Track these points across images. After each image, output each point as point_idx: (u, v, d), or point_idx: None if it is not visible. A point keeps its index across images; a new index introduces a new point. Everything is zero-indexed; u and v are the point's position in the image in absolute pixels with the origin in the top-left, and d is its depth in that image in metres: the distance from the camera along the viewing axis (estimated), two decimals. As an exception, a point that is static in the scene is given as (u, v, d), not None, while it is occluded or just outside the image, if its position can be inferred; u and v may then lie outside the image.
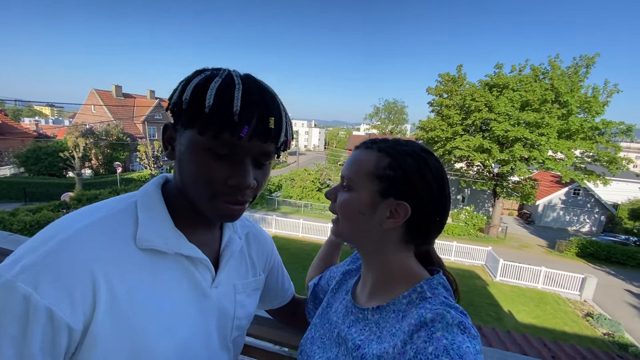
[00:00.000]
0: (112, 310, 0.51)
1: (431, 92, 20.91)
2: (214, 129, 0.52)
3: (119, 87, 32.87)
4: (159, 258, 0.58)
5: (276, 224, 16.70)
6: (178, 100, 0.55)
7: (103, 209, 0.57)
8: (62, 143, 22.78)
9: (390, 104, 50.59)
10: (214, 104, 0.51)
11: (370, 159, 0.63)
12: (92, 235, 0.52)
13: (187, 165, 0.56)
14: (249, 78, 0.56)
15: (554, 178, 24.76)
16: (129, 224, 0.56)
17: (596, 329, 10.07)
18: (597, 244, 17.27)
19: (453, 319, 0.50)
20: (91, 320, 0.49)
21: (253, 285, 0.78)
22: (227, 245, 0.70)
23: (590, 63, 16.76)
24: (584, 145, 16.50)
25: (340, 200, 0.65)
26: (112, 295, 0.51)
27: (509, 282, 12.93)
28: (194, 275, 0.62)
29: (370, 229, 0.63)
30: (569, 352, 3.38)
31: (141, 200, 0.60)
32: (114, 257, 0.52)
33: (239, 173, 0.55)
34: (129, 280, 0.53)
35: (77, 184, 20.42)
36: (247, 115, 0.52)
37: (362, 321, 0.65)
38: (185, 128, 0.55)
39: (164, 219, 0.59)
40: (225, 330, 0.70)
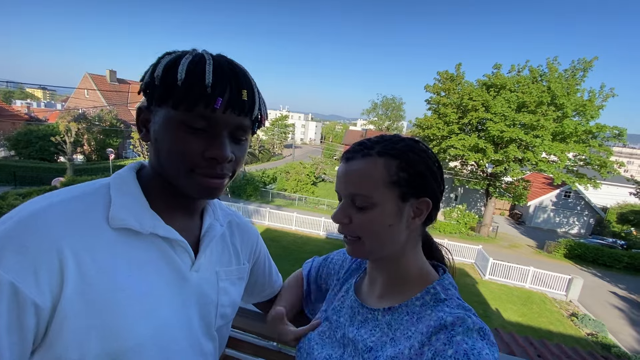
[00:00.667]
0: (82, 289, 0.49)
1: (429, 89, 20.89)
2: (188, 102, 0.52)
3: (114, 72, 32.22)
4: (134, 238, 0.56)
5: (269, 217, 16.68)
6: (150, 80, 0.55)
7: (74, 189, 0.56)
8: (53, 127, 22.34)
9: (388, 100, 50.44)
10: (186, 78, 0.52)
11: (378, 168, 0.59)
12: (62, 212, 0.50)
13: (162, 142, 0.55)
14: (219, 56, 0.57)
15: (546, 180, 25.07)
16: (101, 204, 0.55)
17: (580, 329, 10.29)
18: (585, 246, 17.59)
19: (474, 324, 0.50)
20: (59, 298, 0.47)
21: (236, 273, 0.76)
22: (207, 230, 0.68)
23: (587, 67, 16.85)
24: (577, 148, 16.69)
25: (361, 221, 0.60)
26: (82, 273, 0.49)
27: (497, 281, 13.13)
28: (172, 258, 0.60)
29: (398, 236, 0.62)
30: (554, 350, 3.44)
31: (114, 182, 0.59)
32: (84, 236, 0.51)
33: (216, 145, 0.55)
34: (100, 260, 0.51)
35: (68, 169, 20.10)
36: (220, 88, 0.53)
37: (372, 322, 0.64)
38: (159, 106, 0.55)
39: (138, 200, 0.58)
40: (209, 317, 0.68)
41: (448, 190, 24.21)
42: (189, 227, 0.66)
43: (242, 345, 1.07)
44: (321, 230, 16.02)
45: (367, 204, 0.59)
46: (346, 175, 0.62)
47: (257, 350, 1.06)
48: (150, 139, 0.58)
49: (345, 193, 0.62)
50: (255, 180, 22.98)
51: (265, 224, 16.51)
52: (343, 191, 0.62)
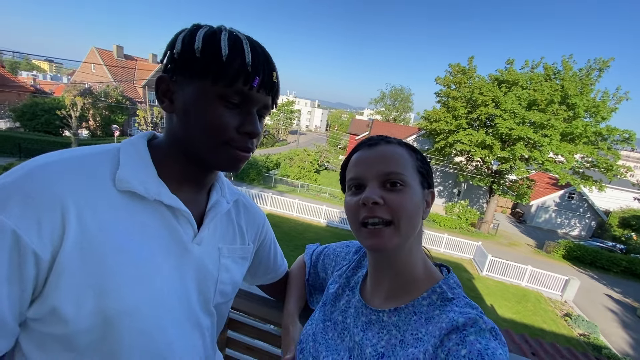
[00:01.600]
0: (82, 245, 0.49)
1: (440, 82, 20.57)
2: (229, 78, 0.54)
3: (121, 47, 31.84)
4: (138, 202, 0.56)
5: (271, 202, 16.74)
6: (187, 49, 0.54)
7: (87, 148, 0.56)
8: (59, 100, 22.31)
9: (397, 91, 49.74)
10: (229, 54, 0.53)
11: (407, 154, 0.63)
12: (69, 167, 0.51)
13: (195, 115, 0.56)
14: (248, 36, 0.58)
15: (550, 180, 24.90)
16: (109, 165, 0.55)
17: (573, 329, 10.40)
18: (584, 248, 17.60)
19: (486, 325, 0.50)
20: (59, 250, 0.47)
21: (240, 252, 0.75)
22: (213, 205, 0.68)
23: (603, 67, 16.45)
24: (586, 150, 16.48)
25: (397, 200, 0.57)
26: (84, 229, 0.49)
27: (494, 278, 13.22)
28: (174, 227, 0.60)
29: (419, 224, 0.62)
30: (548, 349, 3.47)
31: (125, 147, 0.59)
32: (89, 193, 0.51)
33: (250, 121, 0.58)
34: (103, 219, 0.51)
35: (73, 143, 20.16)
36: (257, 67, 0.56)
37: (378, 324, 0.63)
38: (192, 78, 0.55)
39: (147, 167, 0.58)
40: (207, 292, 0.67)
41: (451, 186, 24.14)
42: (196, 201, 0.66)
43: (244, 328, 1.07)
44: (322, 218, 16.09)
45: (401, 182, 0.59)
46: (376, 157, 0.62)
47: (259, 334, 1.06)
48: (176, 110, 0.58)
49: (376, 174, 0.60)
50: (258, 165, 22.96)
51: (267, 209, 16.58)
52: (371, 173, 0.61)
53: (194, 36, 0.54)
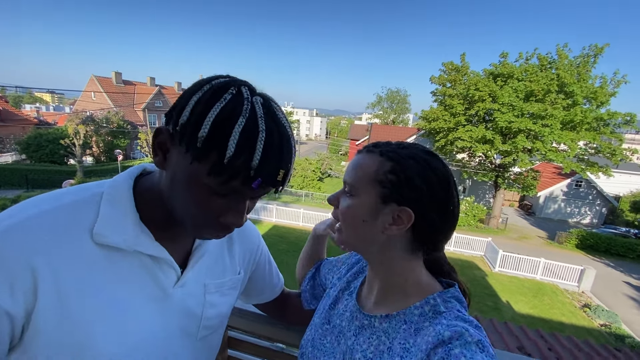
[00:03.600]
0: (57, 305, 0.49)
1: (434, 81, 20.61)
2: (226, 177, 0.48)
3: (119, 73, 32.52)
4: (117, 254, 0.55)
5: (277, 213, 16.75)
6: (192, 126, 0.47)
7: (65, 196, 0.55)
8: (62, 130, 22.73)
9: (393, 93, 49.88)
10: (235, 152, 0.46)
11: (372, 164, 0.60)
12: (42, 224, 0.50)
13: (180, 190, 0.52)
14: (271, 118, 0.50)
15: (556, 169, 24.63)
16: (88, 216, 0.54)
17: (593, 320, 10.15)
18: (597, 235, 17.28)
19: (472, 337, 0.49)
20: (32, 310, 0.48)
21: (229, 284, 0.74)
22: (200, 244, 0.67)
23: (598, 53, 16.40)
24: (588, 136, 16.31)
25: (342, 207, 0.63)
26: (58, 288, 0.49)
27: (507, 273, 12.99)
28: (155, 274, 0.59)
29: (373, 237, 0.60)
30: (565, 343, 3.39)
31: (108, 191, 0.57)
32: (64, 250, 0.50)
33: (235, 214, 0.54)
34: (79, 276, 0.51)
35: (78, 171, 20.46)
36: (263, 169, 0.48)
37: (369, 329, 0.63)
38: (191, 158, 0.48)
39: (127, 214, 0.56)
40: (190, 329, 0.67)
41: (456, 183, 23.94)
42: (181, 237, 0.65)
43: (244, 346, 1.07)
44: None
45: (352, 191, 0.62)
46: (348, 165, 0.66)
47: (260, 351, 1.06)
48: (167, 170, 0.54)
49: (344, 180, 0.65)
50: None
51: (273, 221, 16.59)
52: (344, 178, 0.66)
53: (206, 112, 0.46)
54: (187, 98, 0.50)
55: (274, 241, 13.95)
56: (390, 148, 0.61)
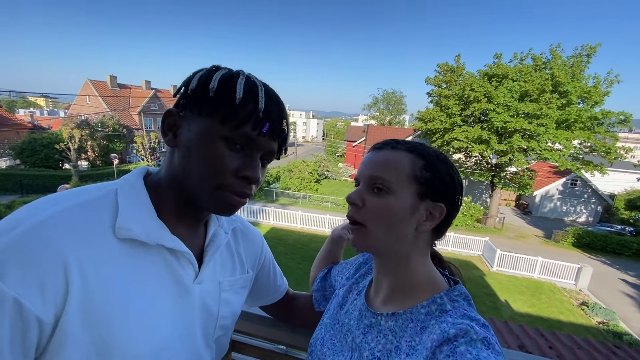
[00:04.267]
0: (85, 304, 0.47)
1: (430, 82, 20.72)
2: (238, 120, 0.54)
3: (114, 77, 32.36)
4: (139, 249, 0.54)
5: (274, 215, 16.70)
6: (201, 87, 0.55)
7: (80, 194, 0.54)
8: (57, 134, 22.54)
9: (389, 94, 50.05)
10: (243, 97, 0.53)
11: (406, 160, 0.60)
12: (66, 220, 0.48)
13: (196, 152, 0.55)
14: (265, 84, 0.59)
15: (551, 168, 24.82)
16: (107, 212, 0.53)
17: (591, 318, 10.21)
18: (593, 234, 17.43)
19: (477, 335, 0.49)
20: (62, 313, 0.46)
21: (240, 282, 0.74)
22: (212, 239, 0.68)
23: (591, 52, 16.59)
24: (583, 135, 16.48)
25: (375, 205, 0.59)
26: (86, 287, 0.47)
27: (505, 272, 13.05)
28: (176, 270, 0.59)
29: (406, 235, 0.60)
30: (565, 341, 3.40)
31: (122, 189, 0.57)
32: (89, 246, 0.49)
33: (251, 165, 0.57)
34: (104, 272, 0.49)
35: (73, 175, 20.28)
36: (269, 114, 0.56)
37: (376, 327, 0.63)
38: (201, 115, 0.55)
39: (147, 209, 0.57)
40: (208, 329, 0.67)
41: (452, 183, 24.07)
42: (194, 236, 0.65)
43: (248, 349, 1.06)
44: (326, 228, 16.02)
45: (385, 188, 0.59)
46: (372, 161, 0.62)
47: (264, 354, 1.05)
48: (179, 145, 0.57)
49: (366, 176, 0.61)
50: (258, 180, 22.97)
51: (271, 223, 16.54)
52: (364, 175, 0.62)
53: (211, 76, 0.55)
54: (190, 77, 0.57)
55: (272, 244, 13.89)
56: (414, 146, 0.63)
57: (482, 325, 0.52)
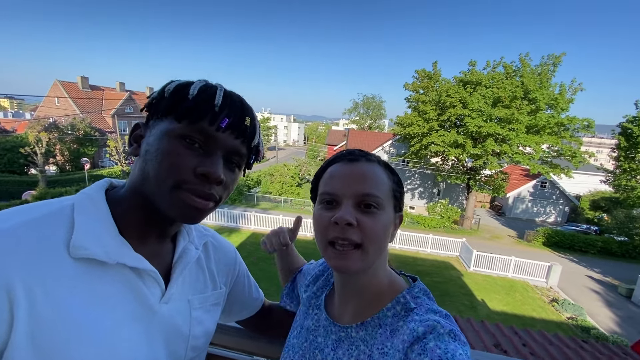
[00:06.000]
0: (34, 333, 0.43)
1: (408, 87, 21.24)
2: (193, 116, 0.52)
3: (85, 78, 31.04)
4: (98, 269, 0.50)
5: (255, 220, 16.50)
6: (158, 95, 0.56)
7: (33, 210, 0.49)
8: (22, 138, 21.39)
9: (368, 99, 50.90)
10: (197, 95, 0.53)
11: (385, 176, 0.61)
12: (14, 239, 0.44)
13: (153, 155, 0.53)
14: (227, 89, 0.59)
15: (522, 171, 25.98)
16: (62, 229, 0.48)
17: (561, 314, 10.70)
18: (562, 233, 18.36)
19: (444, 329, 0.51)
20: (7, 343, 0.41)
21: (212, 299, 0.70)
22: (180, 256, 0.63)
23: (557, 62, 17.57)
24: (551, 140, 17.39)
25: (371, 224, 0.56)
26: (35, 314, 0.43)
27: (481, 272, 13.49)
28: (140, 290, 0.54)
29: (386, 246, 0.61)
30: (537, 338, 3.55)
31: (79, 203, 0.52)
32: (39, 268, 0.44)
33: (209, 162, 0.54)
34: (57, 296, 0.45)
35: (40, 181, 19.24)
36: (227, 110, 0.54)
37: (347, 340, 0.62)
38: (159, 119, 0.55)
39: (106, 225, 0.52)
40: (178, 351, 0.62)
41: (430, 186, 24.69)
42: (161, 252, 0.61)
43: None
44: (308, 232, 15.98)
45: (377, 205, 0.57)
46: (354, 175, 0.59)
47: (241, 367, 1.02)
48: (139, 153, 0.56)
49: (352, 193, 0.57)
50: (239, 184, 22.67)
51: (252, 228, 16.32)
52: (348, 191, 0.57)
53: (169, 84, 0.56)
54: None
55: (253, 249, 13.70)
56: (379, 159, 0.64)
57: (445, 316, 0.55)
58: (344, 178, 0.59)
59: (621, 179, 17.89)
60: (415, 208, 24.43)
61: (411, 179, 24.67)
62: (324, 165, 0.66)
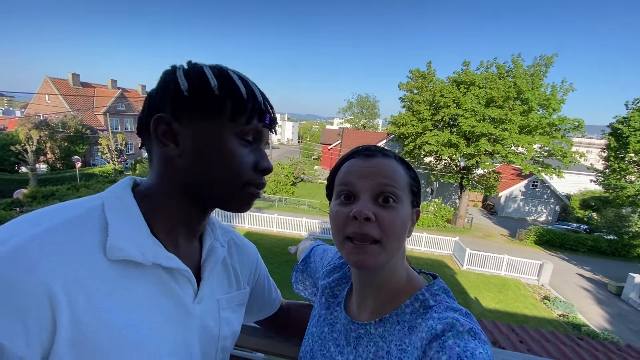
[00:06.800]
0: (76, 339, 0.42)
1: (402, 87, 21.34)
2: (248, 115, 0.54)
3: (77, 75, 30.48)
4: (133, 271, 0.49)
5: (249, 219, 16.43)
6: (199, 86, 0.51)
7: (62, 211, 0.47)
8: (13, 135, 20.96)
9: (363, 99, 51.04)
10: (246, 92, 0.53)
11: (402, 171, 0.61)
12: (51, 242, 0.42)
13: (215, 156, 0.53)
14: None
15: (515, 171, 26.31)
16: (95, 231, 0.47)
17: (552, 311, 10.90)
18: (553, 232, 18.66)
19: (463, 327, 0.50)
20: (49, 352, 0.40)
21: (238, 299, 0.70)
22: (209, 254, 0.63)
23: (549, 63, 17.82)
24: (542, 140, 17.64)
25: (388, 218, 0.55)
26: (77, 320, 0.42)
27: (474, 270, 13.65)
28: (174, 290, 0.54)
29: (404, 241, 0.61)
30: (534, 335, 3.62)
31: (109, 203, 0.51)
32: (78, 272, 0.43)
33: (264, 158, 0.58)
34: (96, 301, 0.44)
35: (31, 179, 18.90)
36: (267, 105, 0.57)
37: (366, 337, 0.63)
38: (206, 116, 0.52)
39: (138, 224, 0.51)
40: (210, 351, 0.62)
41: (424, 185, 24.87)
42: (190, 251, 0.60)
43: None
44: (303, 231, 15.99)
45: (396, 198, 0.57)
46: (372, 169, 0.59)
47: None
48: (183, 153, 0.52)
49: (370, 186, 0.57)
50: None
51: (246, 228, 16.25)
52: (366, 185, 0.57)
53: (203, 73, 0.52)
54: (171, 77, 0.52)
55: (247, 248, 13.63)
56: (395, 155, 0.64)
57: (466, 314, 0.54)
58: (361, 172, 0.59)
59: (611, 178, 18.21)
60: (410, 207, 24.52)
61: (405, 178, 24.75)
62: (340, 161, 0.65)
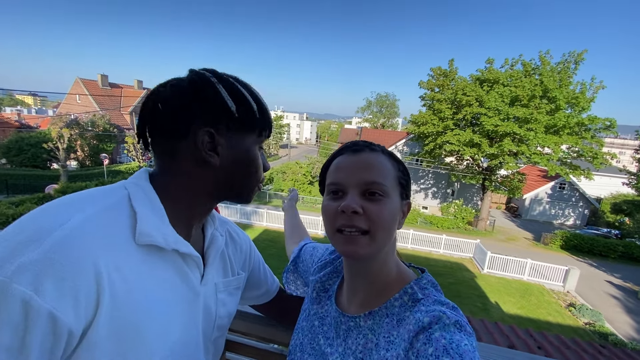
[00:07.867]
0: (113, 313, 0.47)
1: (423, 86, 20.96)
2: (267, 131, 0.68)
3: (105, 76, 31.94)
4: (155, 255, 0.55)
5: (267, 217, 16.65)
6: (246, 108, 0.62)
7: (100, 199, 0.53)
8: (45, 134, 22.14)
9: (382, 98, 50.46)
10: (268, 113, 0.67)
11: (390, 165, 0.63)
12: (96, 227, 0.48)
13: (248, 164, 0.65)
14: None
15: (540, 172, 25.29)
16: (125, 216, 0.53)
17: (578, 319, 10.40)
18: (581, 236, 17.78)
19: (450, 320, 0.51)
20: (91, 323, 0.46)
21: (234, 283, 0.77)
22: (211, 242, 0.71)
23: (579, 59, 16.99)
24: (570, 140, 16.84)
25: (375, 210, 0.58)
26: (114, 296, 0.47)
27: (495, 274, 13.23)
28: (186, 274, 0.61)
29: (394, 233, 0.62)
30: (554, 342, 3.47)
31: (135, 193, 0.56)
32: (115, 254, 0.49)
33: (266, 160, 0.71)
34: (129, 280, 0.50)
35: (62, 175, 19.90)
36: (271, 120, 0.69)
37: (356, 329, 0.64)
38: (244, 132, 0.63)
39: (160, 215, 0.57)
40: (207, 330, 0.69)
41: (444, 186, 24.33)
42: (196, 239, 0.68)
43: (243, 349, 1.06)
44: (320, 230, 16.01)
45: (382, 192, 0.59)
46: (358, 165, 0.61)
47: (258, 353, 1.05)
48: (222, 162, 0.61)
49: (357, 182, 0.60)
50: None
51: (264, 225, 16.48)
52: (353, 180, 0.60)
53: (241, 94, 0.61)
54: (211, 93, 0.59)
55: (264, 245, 13.84)
56: (382, 149, 0.66)
57: (452, 308, 0.55)
58: (349, 168, 0.61)
59: (645, 181, 17.18)
60: (429, 208, 24.13)
61: (424, 179, 24.36)
62: (330, 157, 0.68)
